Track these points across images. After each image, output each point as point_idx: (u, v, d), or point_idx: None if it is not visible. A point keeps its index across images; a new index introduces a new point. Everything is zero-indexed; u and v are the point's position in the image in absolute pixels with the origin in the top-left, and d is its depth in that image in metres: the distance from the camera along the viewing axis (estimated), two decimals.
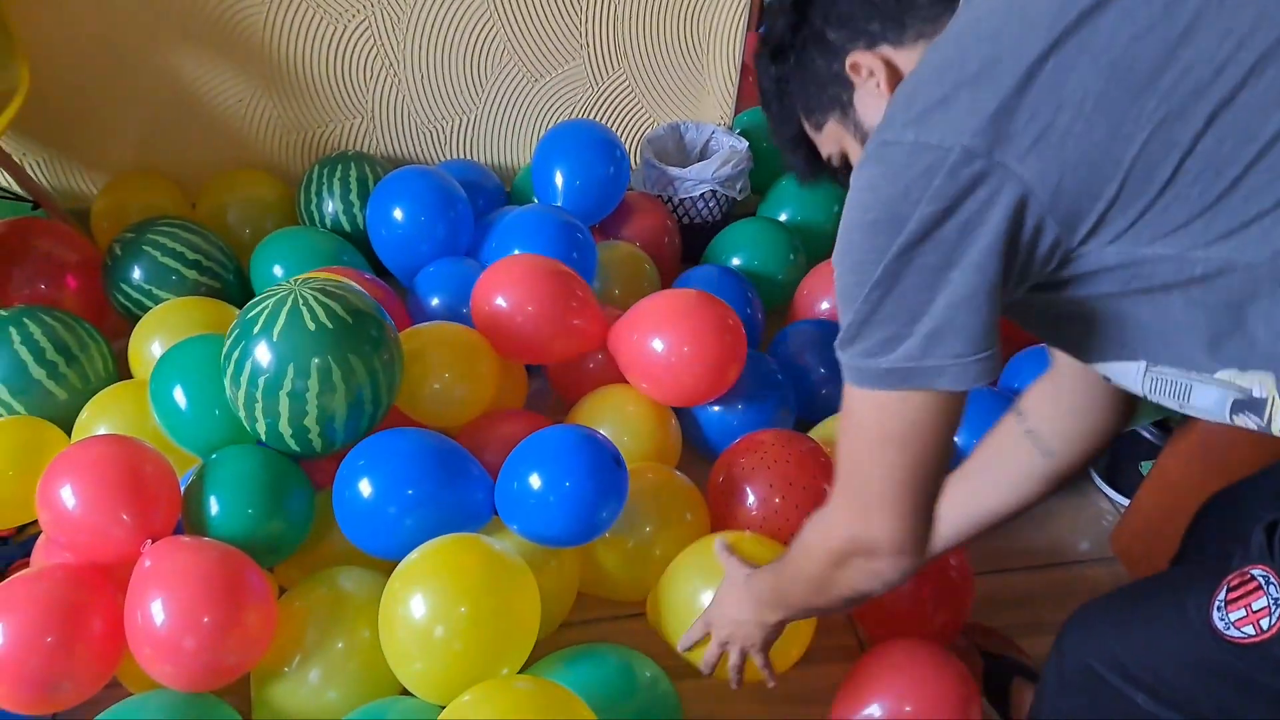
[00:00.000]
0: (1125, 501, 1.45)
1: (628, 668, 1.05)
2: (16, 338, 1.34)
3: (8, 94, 1.53)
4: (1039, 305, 0.68)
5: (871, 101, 0.76)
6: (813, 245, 1.78)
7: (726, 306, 1.35)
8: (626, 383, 1.39)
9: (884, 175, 0.61)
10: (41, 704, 0.98)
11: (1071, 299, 0.65)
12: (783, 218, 1.82)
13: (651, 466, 1.26)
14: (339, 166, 1.79)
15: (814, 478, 1.22)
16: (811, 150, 0.88)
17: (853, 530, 0.74)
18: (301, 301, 1.11)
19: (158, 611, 0.96)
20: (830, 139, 0.84)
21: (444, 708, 0.94)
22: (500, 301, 1.34)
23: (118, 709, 0.96)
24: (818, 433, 1.38)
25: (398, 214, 1.62)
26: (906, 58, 0.74)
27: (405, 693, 1.02)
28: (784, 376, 1.43)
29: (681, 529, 1.21)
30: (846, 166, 0.85)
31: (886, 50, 0.74)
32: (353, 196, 1.77)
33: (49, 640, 0.96)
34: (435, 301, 1.55)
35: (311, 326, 1.10)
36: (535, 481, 1.08)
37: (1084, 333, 0.69)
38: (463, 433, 1.29)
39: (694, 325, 1.31)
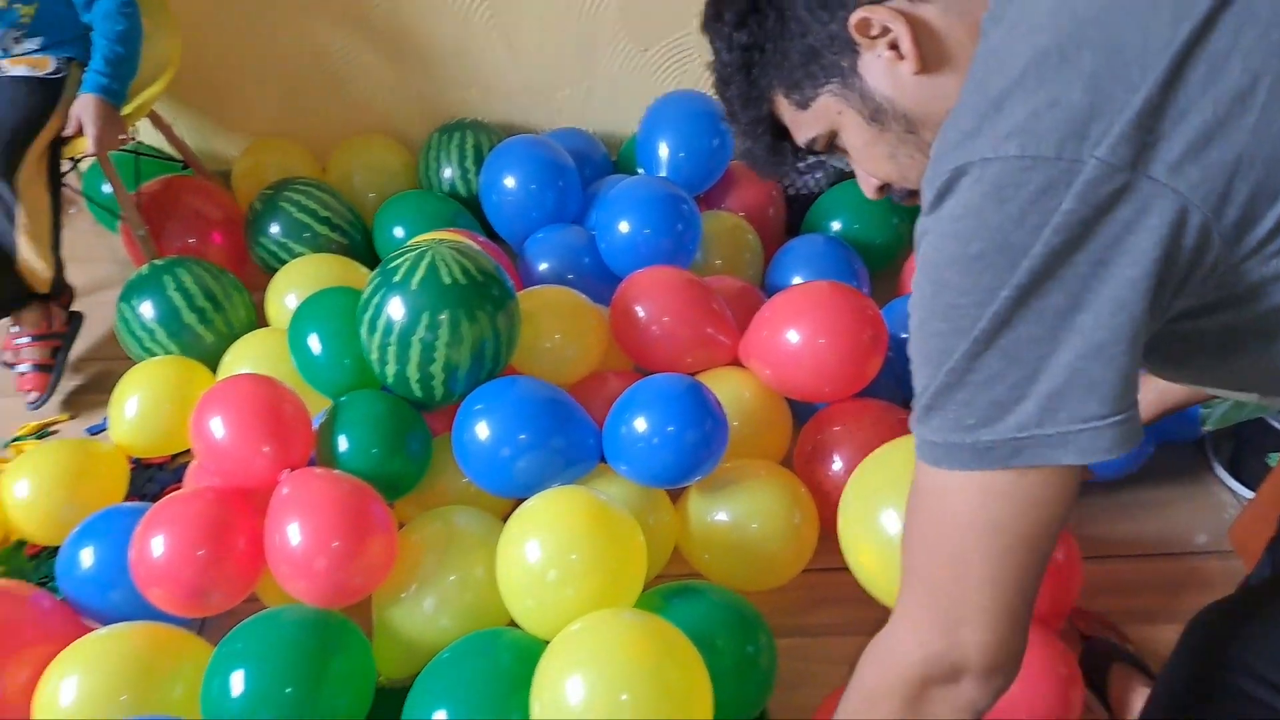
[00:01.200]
0: (1249, 494, 1.40)
1: (730, 606, 1.09)
2: (171, 285, 1.48)
3: (163, 64, 1.67)
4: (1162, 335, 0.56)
5: (883, 67, 0.63)
6: (915, 209, 1.76)
7: (863, 296, 1.30)
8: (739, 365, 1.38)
9: (988, 196, 0.49)
10: (194, 608, 1.10)
11: (1205, 326, 0.55)
12: None
13: (765, 465, 1.25)
14: (456, 134, 1.88)
15: None
16: (777, 135, 0.74)
17: (932, 650, 0.57)
18: (439, 258, 1.20)
19: (293, 534, 1.06)
20: (819, 117, 0.69)
21: (547, 642, 1.01)
22: (639, 311, 1.36)
23: (258, 618, 1.07)
24: None
25: (509, 181, 1.69)
26: (935, 13, 0.61)
27: (511, 624, 1.10)
28: (892, 351, 1.42)
29: (789, 531, 1.19)
30: (832, 151, 0.73)
31: (902, 3, 0.61)
32: (468, 163, 1.85)
33: (200, 554, 1.08)
34: (543, 266, 1.61)
35: (447, 281, 1.18)
36: (641, 425, 1.14)
37: (1206, 364, 0.59)
38: (571, 390, 1.35)
39: (830, 318, 1.26)
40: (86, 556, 1.16)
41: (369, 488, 1.12)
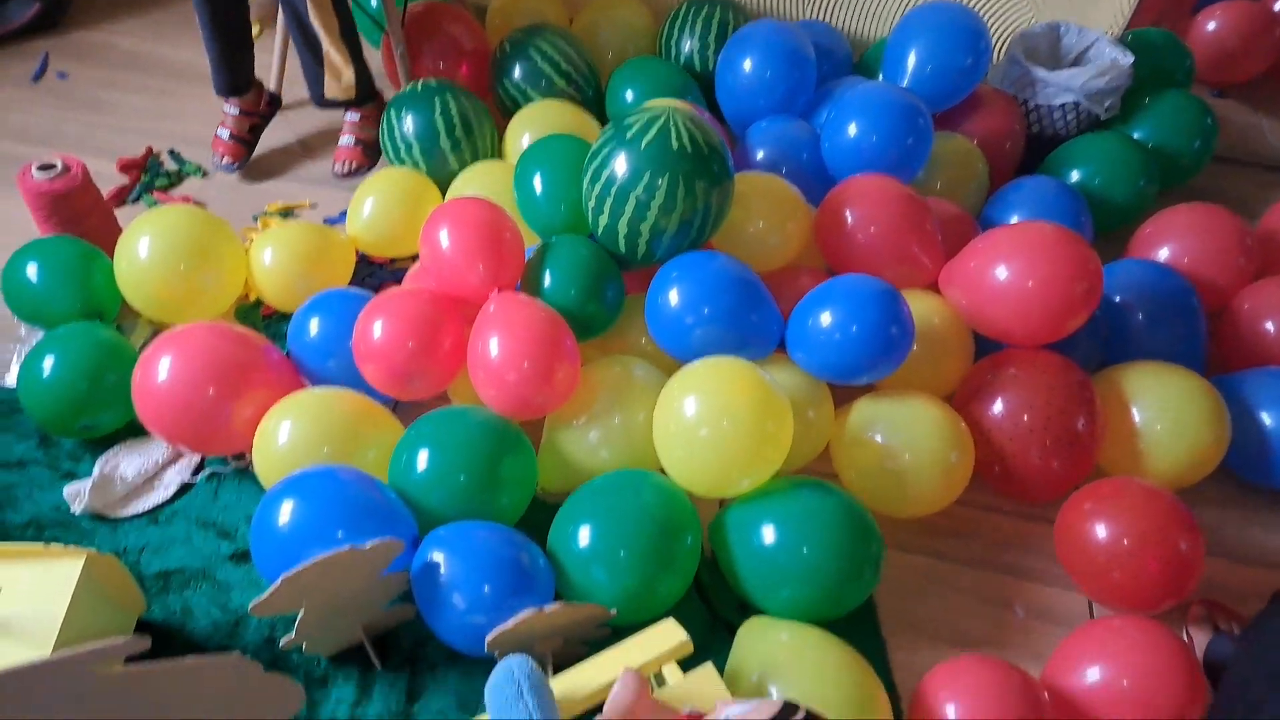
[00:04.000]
0: None
1: (851, 510, 1.11)
2: (438, 108, 1.60)
3: None
4: None
5: None
6: (1167, 172, 1.65)
7: (1088, 247, 1.23)
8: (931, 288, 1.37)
9: None
10: (397, 390, 1.24)
11: None
12: (1136, 136, 1.69)
13: (933, 400, 1.24)
14: (705, 7, 1.87)
15: (1072, 407, 1.20)
16: None
17: None
18: (673, 123, 1.23)
19: (493, 347, 1.17)
20: None
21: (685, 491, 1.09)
22: (848, 215, 1.35)
23: (448, 410, 1.20)
24: (1105, 375, 1.32)
25: (746, 64, 1.68)
26: None
27: (660, 470, 1.18)
28: (1100, 312, 1.35)
29: (941, 469, 1.18)
30: None
31: None
32: (710, 38, 1.85)
33: (410, 344, 1.21)
34: (760, 155, 1.61)
35: (674, 146, 1.22)
36: (828, 318, 1.16)
37: None
38: (763, 278, 1.38)
39: (1047, 261, 1.20)
40: (313, 325, 1.32)
41: (564, 322, 1.21)
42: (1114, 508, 1.14)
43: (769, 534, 1.09)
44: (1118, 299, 1.38)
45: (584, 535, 1.07)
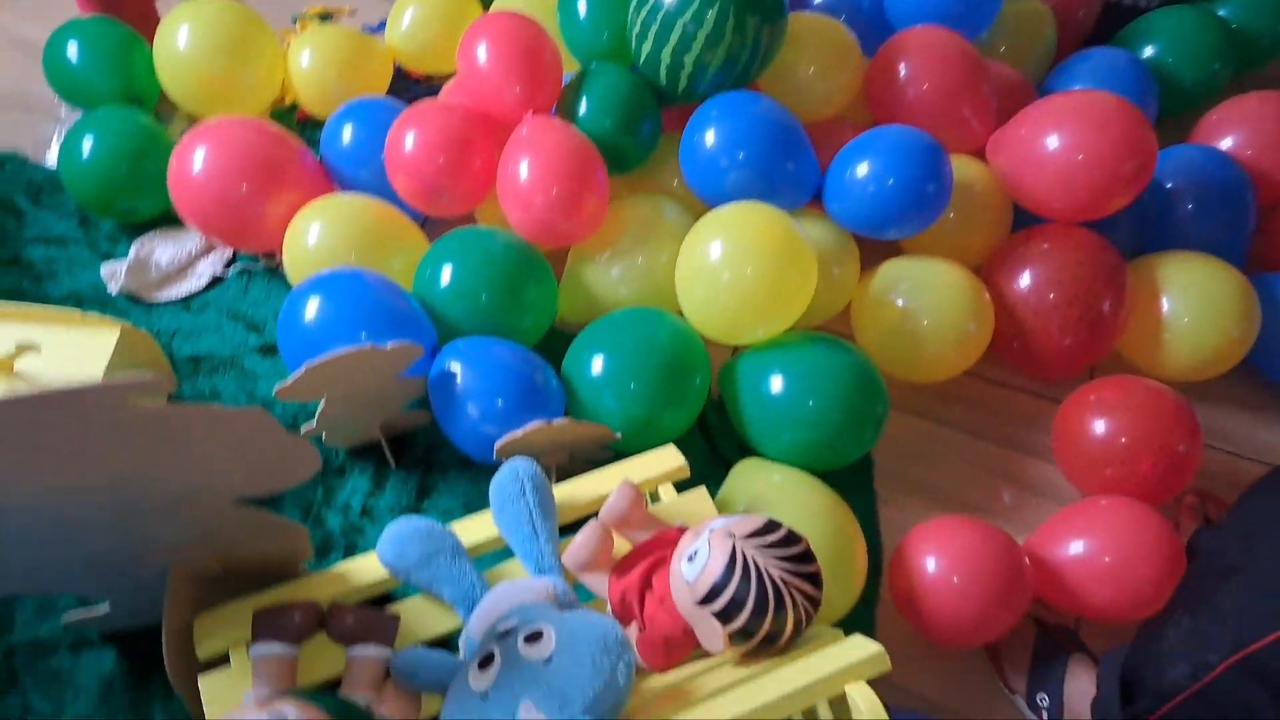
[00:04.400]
0: None
1: (863, 367, 1.12)
2: None
3: None
4: None
5: None
6: (1246, 54, 1.56)
7: (1146, 123, 1.18)
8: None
9: None
10: (425, 203, 1.24)
11: None
12: (1222, 13, 1.59)
13: (960, 269, 1.22)
14: None
15: (1100, 288, 1.19)
16: None
17: None
18: None
19: (523, 171, 1.16)
20: None
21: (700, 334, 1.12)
22: (901, 69, 1.30)
23: (475, 229, 1.21)
24: (1141, 261, 1.29)
25: None
26: None
27: (679, 314, 1.19)
28: (1148, 196, 1.31)
29: (958, 338, 1.18)
30: None
31: None
32: None
33: (441, 159, 1.20)
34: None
35: None
36: (864, 169, 1.15)
37: None
38: (808, 128, 1.34)
39: (1100, 134, 1.16)
40: (347, 132, 1.32)
41: (596, 152, 1.19)
42: (1117, 405, 1.14)
43: (777, 383, 1.11)
44: (1169, 185, 1.33)
45: (597, 364, 1.10)
